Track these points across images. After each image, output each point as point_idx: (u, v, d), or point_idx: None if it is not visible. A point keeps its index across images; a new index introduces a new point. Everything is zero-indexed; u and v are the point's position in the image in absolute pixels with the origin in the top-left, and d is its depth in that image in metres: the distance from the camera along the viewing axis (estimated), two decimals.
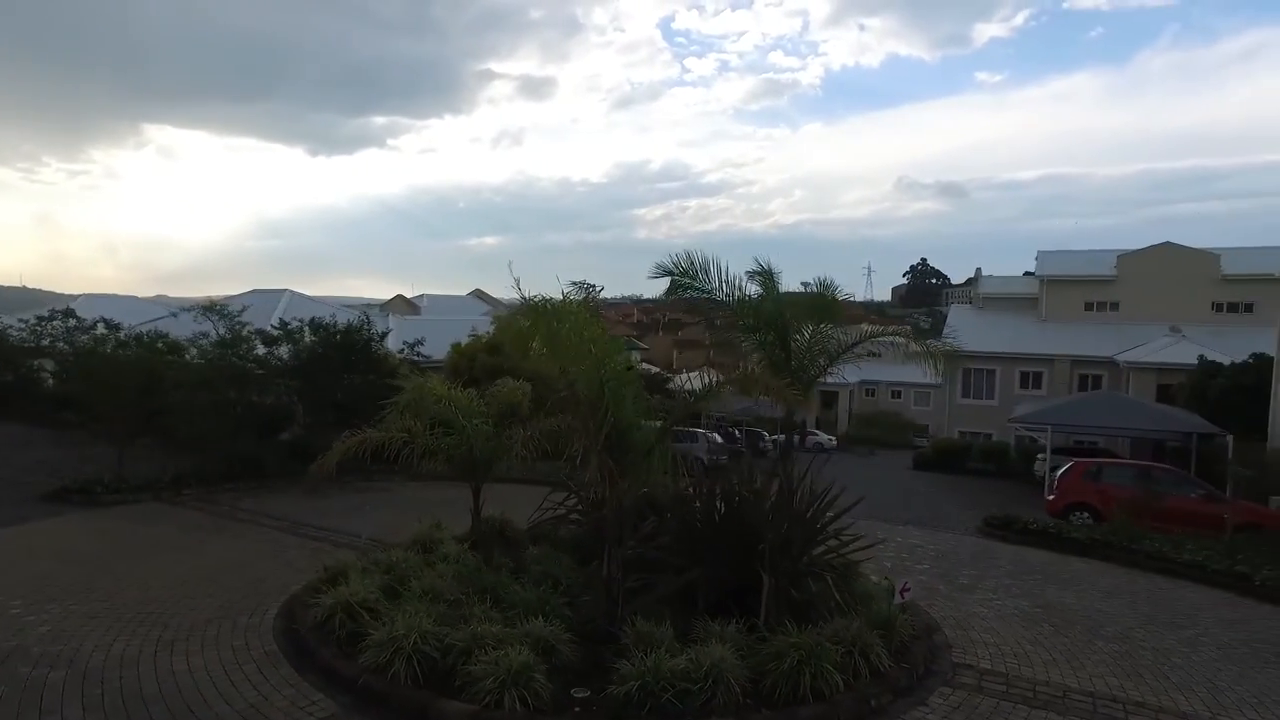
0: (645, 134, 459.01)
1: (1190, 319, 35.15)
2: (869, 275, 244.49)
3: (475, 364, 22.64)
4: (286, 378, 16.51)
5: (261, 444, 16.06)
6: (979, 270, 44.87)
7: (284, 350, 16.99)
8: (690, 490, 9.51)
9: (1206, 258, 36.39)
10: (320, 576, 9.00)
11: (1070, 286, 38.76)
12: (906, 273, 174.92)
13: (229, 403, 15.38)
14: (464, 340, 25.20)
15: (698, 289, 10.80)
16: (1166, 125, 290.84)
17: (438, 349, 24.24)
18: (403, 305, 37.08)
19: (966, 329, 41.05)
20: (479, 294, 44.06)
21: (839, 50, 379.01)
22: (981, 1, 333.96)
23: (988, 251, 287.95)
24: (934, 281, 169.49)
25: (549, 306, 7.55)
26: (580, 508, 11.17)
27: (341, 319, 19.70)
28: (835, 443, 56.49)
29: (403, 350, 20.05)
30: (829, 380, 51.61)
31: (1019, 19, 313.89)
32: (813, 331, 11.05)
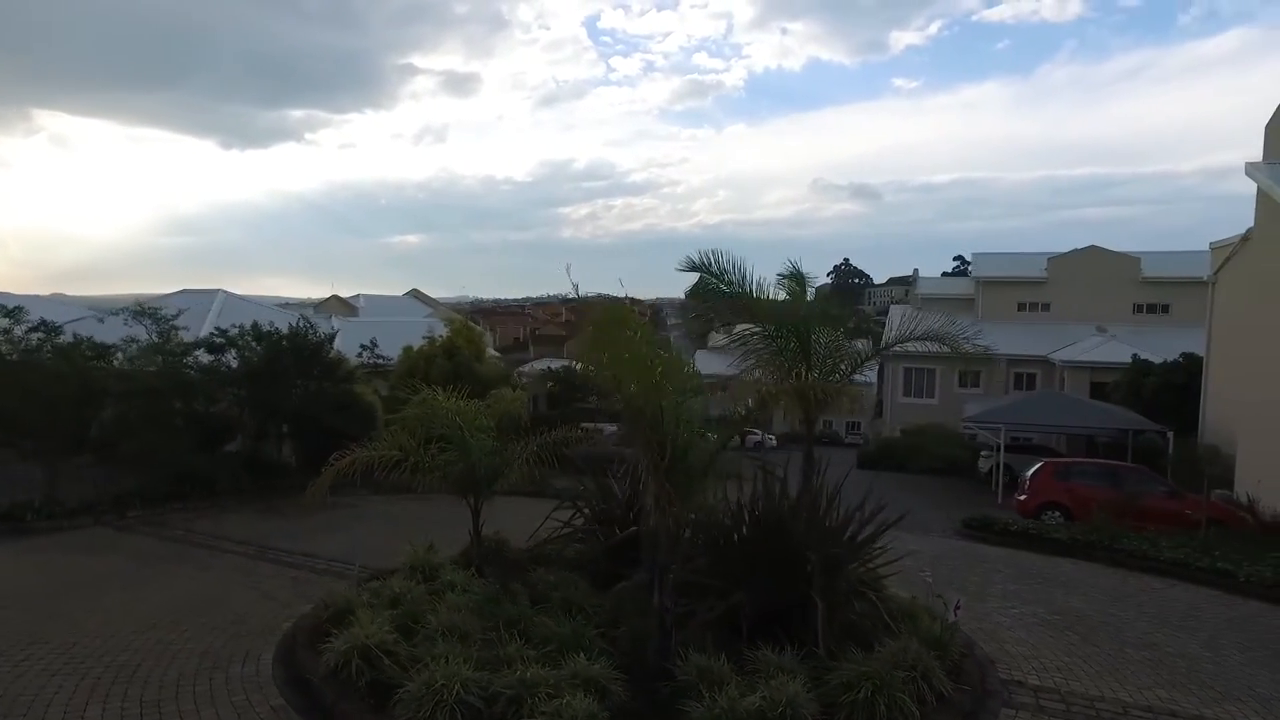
0: (571, 132, 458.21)
1: (1114, 319, 36.82)
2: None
3: (433, 368, 21.58)
4: (235, 386, 15.18)
5: (210, 458, 14.74)
6: (916, 271, 46.09)
7: (230, 356, 15.65)
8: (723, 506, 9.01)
9: (1129, 261, 38.25)
10: (319, 613, 8.11)
11: (1004, 288, 40.10)
12: (830, 272, 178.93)
13: (175, 414, 14.02)
14: (417, 343, 24.05)
15: (725, 290, 10.32)
16: (1067, 134, 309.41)
17: (385, 351, 23.01)
18: (338, 306, 35.35)
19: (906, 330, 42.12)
20: (416, 294, 42.60)
21: (762, 53, 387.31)
22: (898, 11, 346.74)
23: (905, 252, 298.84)
24: (857, 281, 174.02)
25: (613, 314, 6.94)
26: (589, 525, 10.56)
27: (280, 321, 18.40)
28: (775, 441, 57.28)
29: (361, 354, 18.87)
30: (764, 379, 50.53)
31: (933, 29, 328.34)
32: (831, 337, 10.70)
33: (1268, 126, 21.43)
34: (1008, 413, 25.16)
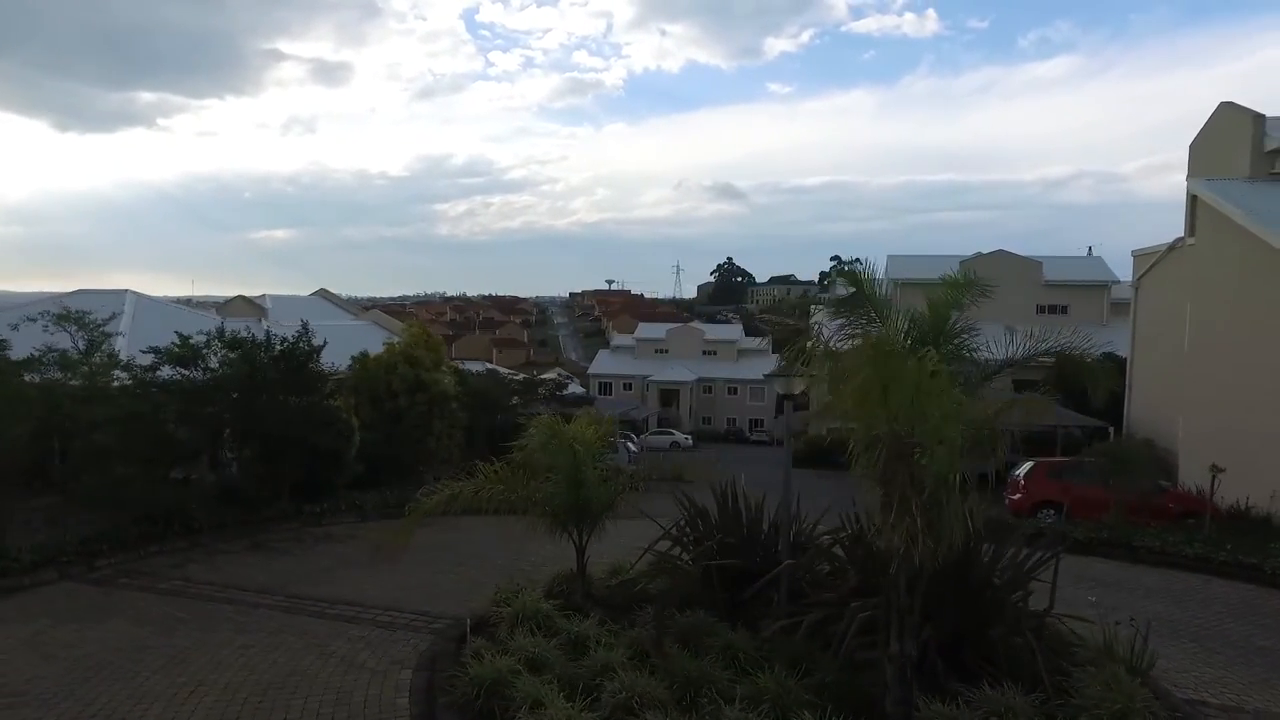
0: (448, 127, 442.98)
1: (1019, 320, 38.64)
2: (678, 274, 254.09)
3: (395, 376, 19.76)
4: (210, 404, 13.05)
5: (183, 490, 12.63)
6: (832, 273, 47.13)
7: (196, 370, 13.45)
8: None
9: (1032, 265, 40.88)
10: (462, 687, 6.82)
11: (918, 289, 41.72)
12: (714, 271, 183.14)
13: (149, 440, 11.81)
14: (344, 348, 21.89)
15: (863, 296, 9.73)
16: (928, 142, 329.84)
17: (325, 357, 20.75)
18: (245, 307, 32.09)
19: (829, 329, 43.15)
20: (324, 294, 39.59)
21: (642, 53, 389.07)
22: (773, 18, 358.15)
23: (783, 252, 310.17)
24: (740, 280, 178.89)
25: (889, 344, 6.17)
26: (691, 555, 9.65)
27: (196, 324, 16.18)
28: (691, 440, 57.50)
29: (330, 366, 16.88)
30: (671, 379, 52.13)
31: (805, 37, 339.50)
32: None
33: (1192, 146, 23.24)
34: None
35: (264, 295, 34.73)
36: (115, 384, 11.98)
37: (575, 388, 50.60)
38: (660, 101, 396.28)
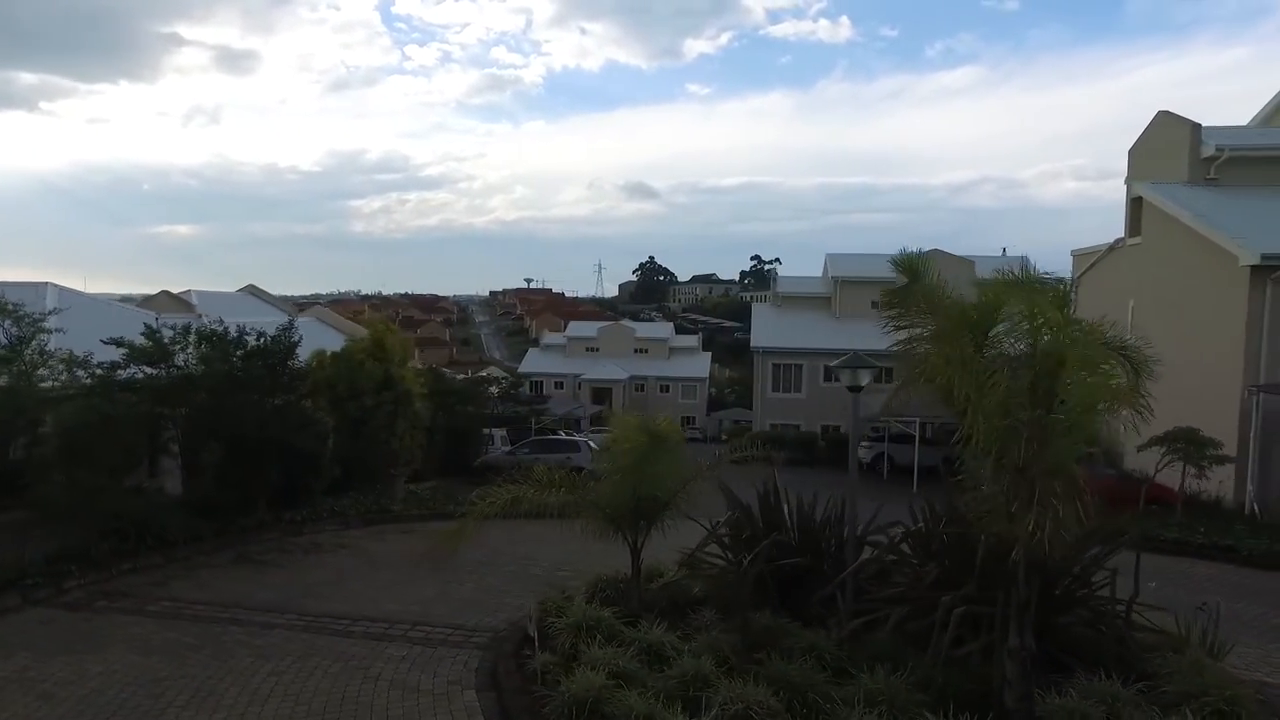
0: (362, 122, 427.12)
1: None
2: (599, 272, 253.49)
3: (361, 375, 18.64)
4: (186, 406, 11.82)
5: (155, 500, 11.44)
6: (775, 271, 47.80)
7: (163, 368, 12.19)
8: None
9: (965, 264, 42.37)
10: (561, 710, 6.26)
11: (859, 287, 42.80)
12: (636, 270, 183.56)
13: (123, 443, 10.58)
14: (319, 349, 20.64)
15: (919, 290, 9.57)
16: (842, 145, 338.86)
17: None
18: (170, 302, 29.82)
19: (772, 327, 43.71)
20: (253, 290, 37.40)
21: (562, 51, 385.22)
22: (692, 20, 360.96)
23: (702, 251, 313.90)
24: (662, 279, 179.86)
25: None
26: (737, 554, 9.31)
27: (132, 320, 14.85)
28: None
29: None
30: (603, 378, 51.98)
31: (723, 39, 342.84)
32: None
33: (1130, 151, 24.48)
34: (914, 405, 26.65)
35: (189, 291, 32.43)
36: (49, 384, 10.62)
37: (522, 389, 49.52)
38: (580, 100, 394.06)
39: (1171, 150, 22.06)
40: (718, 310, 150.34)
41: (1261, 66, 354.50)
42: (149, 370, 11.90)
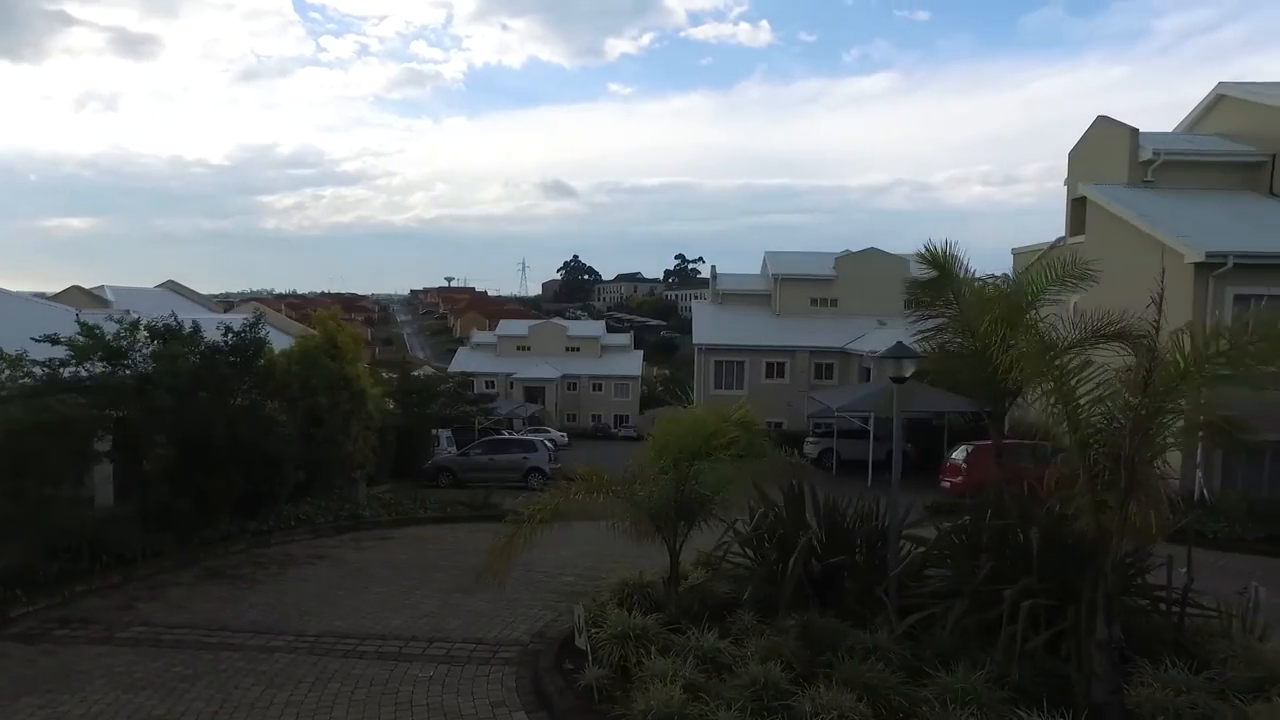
0: (275, 114, 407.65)
1: (890, 313, 41.61)
2: (523, 271, 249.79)
3: (315, 372, 17.44)
4: (146, 408, 10.58)
5: (106, 512, 10.25)
6: (714, 268, 47.93)
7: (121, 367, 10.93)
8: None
9: (899, 261, 43.47)
10: None
11: (798, 284, 43.40)
12: (561, 268, 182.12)
13: (77, 454, 9.37)
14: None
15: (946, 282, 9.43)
16: (761, 147, 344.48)
17: None
18: (82, 298, 27.47)
19: (713, 324, 43.77)
20: (173, 286, 35.02)
21: (483, 47, 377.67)
22: (614, 19, 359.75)
23: (625, 250, 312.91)
24: (587, 277, 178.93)
25: None
26: (764, 555, 8.97)
27: (50, 316, 13.46)
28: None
29: None
30: (536, 377, 51.41)
31: (645, 40, 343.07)
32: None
33: (1071, 154, 25.46)
34: (870, 401, 27.08)
35: (103, 286, 30.09)
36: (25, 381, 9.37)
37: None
38: (502, 97, 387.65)
39: (1110, 153, 23.02)
40: (643, 309, 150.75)
41: (1140, 83, 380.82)
42: (96, 370, 10.63)
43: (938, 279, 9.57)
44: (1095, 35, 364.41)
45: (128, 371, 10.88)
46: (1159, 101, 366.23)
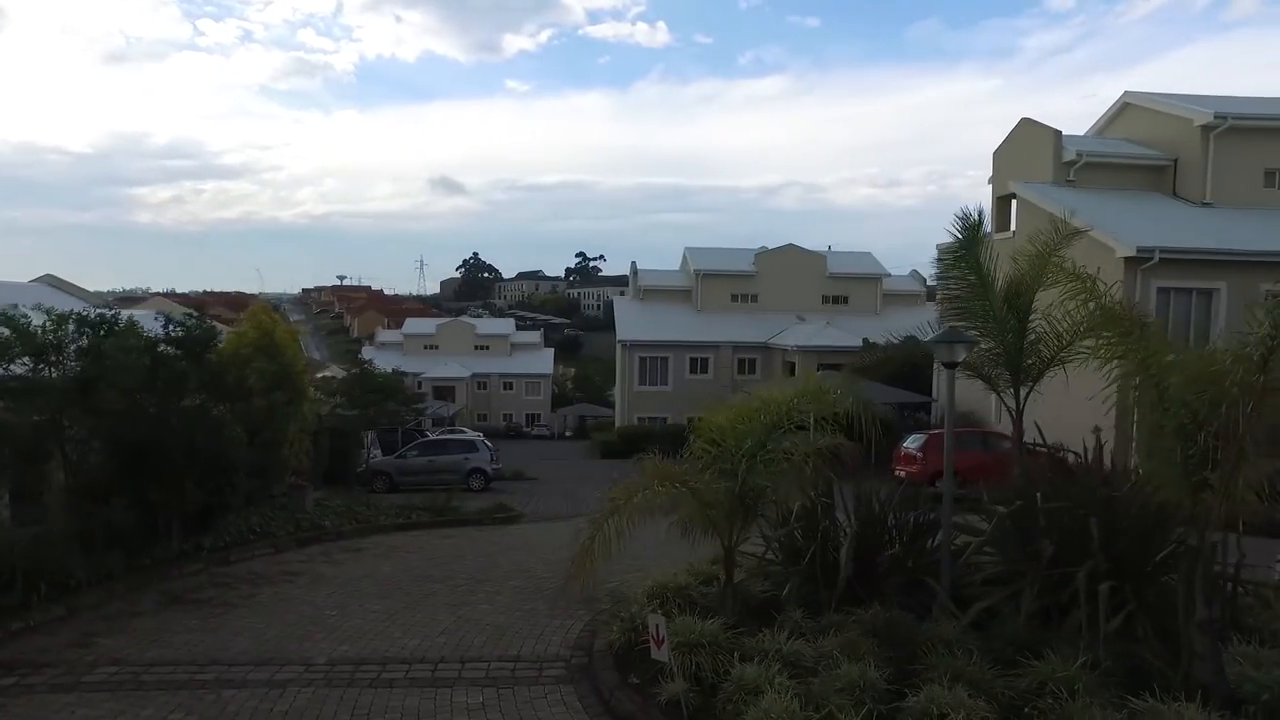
0: (146, 101, 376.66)
1: (808, 309, 42.66)
2: (421, 269, 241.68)
3: (252, 370, 15.89)
4: (88, 411, 9.05)
5: (44, 534, 8.78)
6: (634, 263, 47.58)
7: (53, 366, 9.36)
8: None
9: (818, 258, 44.59)
10: None
11: (719, 280, 43.71)
12: (460, 266, 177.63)
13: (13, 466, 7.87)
14: None
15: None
16: (658, 146, 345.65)
17: None
18: None
19: (636, 320, 43.48)
20: (52, 281, 31.48)
21: (375, 38, 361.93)
22: (511, 15, 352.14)
23: (524, 248, 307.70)
24: (486, 275, 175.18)
25: None
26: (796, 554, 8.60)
27: None
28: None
29: None
30: (445, 376, 50.18)
31: (543, 36, 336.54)
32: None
33: (995, 154, 26.59)
34: None
35: None
36: None
37: None
38: (396, 90, 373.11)
39: (1035, 154, 24.15)
40: (546, 307, 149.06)
41: (1011, 95, 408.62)
42: (20, 368, 9.08)
43: (965, 254, 9.73)
44: (970, 50, 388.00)
45: (66, 369, 9.36)
46: (1028, 112, 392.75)
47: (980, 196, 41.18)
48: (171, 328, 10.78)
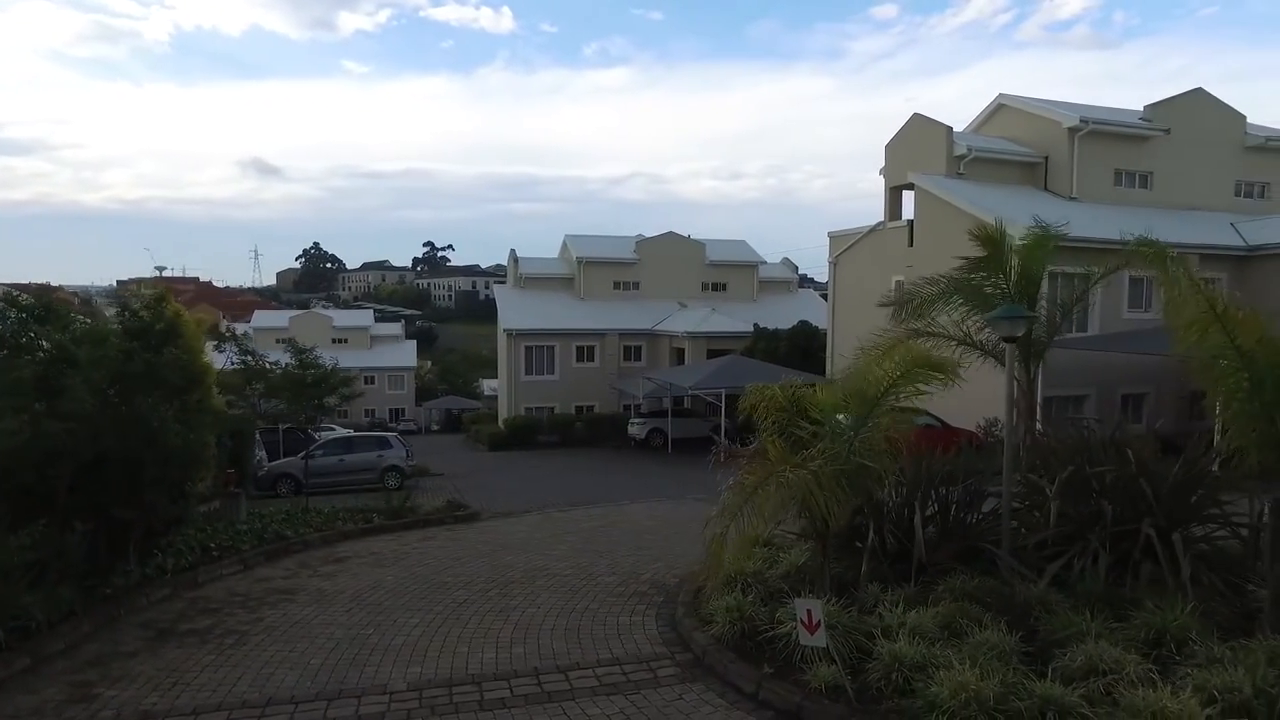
0: None
1: (689, 296, 43.39)
2: (257, 259, 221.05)
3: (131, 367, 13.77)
4: (45, 412, 7.24)
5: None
6: (513, 251, 46.15)
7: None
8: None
9: (697, 246, 45.26)
10: None
11: (601, 268, 43.36)
12: (300, 256, 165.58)
13: None
14: None
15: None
16: (504, 135, 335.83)
17: None
18: None
19: (519, 309, 42.30)
20: None
21: (191, 6, 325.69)
22: None
23: (368, 238, 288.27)
24: (329, 266, 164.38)
25: None
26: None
27: None
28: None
29: None
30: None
31: (382, 17, 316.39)
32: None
33: (888, 146, 28.07)
34: (719, 378, 27.81)
35: None
36: None
37: None
38: (219, 66, 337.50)
39: (927, 147, 25.70)
40: (394, 298, 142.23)
41: (843, 95, 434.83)
42: None
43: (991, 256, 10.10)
44: (804, 50, 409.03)
45: (24, 363, 7.55)
46: (858, 112, 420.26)
47: (815, 190, 43.42)
48: (125, 315, 9.09)
